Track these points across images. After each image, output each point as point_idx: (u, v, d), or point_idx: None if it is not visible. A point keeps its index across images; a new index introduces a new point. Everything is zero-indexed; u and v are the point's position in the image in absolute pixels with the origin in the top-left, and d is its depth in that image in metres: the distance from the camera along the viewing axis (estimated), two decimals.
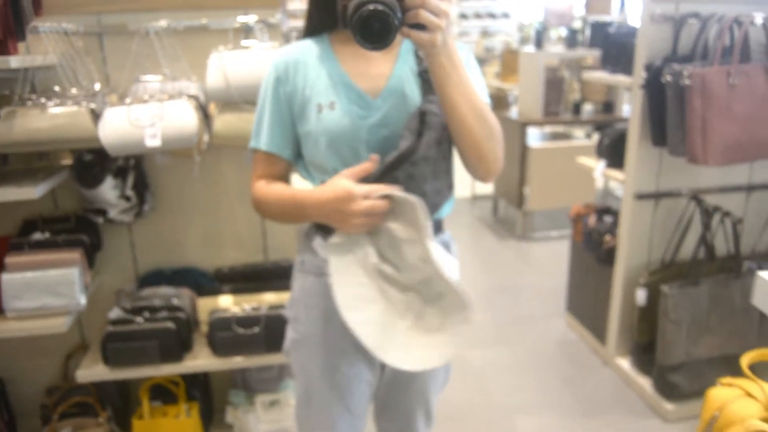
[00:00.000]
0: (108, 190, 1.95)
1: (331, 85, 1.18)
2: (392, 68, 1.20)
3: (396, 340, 1.16)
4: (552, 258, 4.13)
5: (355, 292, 1.16)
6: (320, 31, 1.26)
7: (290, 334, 1.35)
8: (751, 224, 2.55)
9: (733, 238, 2.40)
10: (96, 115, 1.71)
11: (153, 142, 1.61)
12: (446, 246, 1.30)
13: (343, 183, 1.09)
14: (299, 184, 1.28)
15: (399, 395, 1.39)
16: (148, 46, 1.88)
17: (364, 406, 1.36)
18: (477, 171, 1.20)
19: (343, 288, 1.15)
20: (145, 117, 1.64)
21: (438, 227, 1.29)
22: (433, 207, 1.17)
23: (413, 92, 1.19)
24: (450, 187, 1.22)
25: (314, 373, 1.31)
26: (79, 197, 2.02)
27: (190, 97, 1.77)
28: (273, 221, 1.43)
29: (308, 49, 1.23)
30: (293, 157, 1.27)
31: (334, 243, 1.15)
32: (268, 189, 1.25)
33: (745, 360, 1.29)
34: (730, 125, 2.08)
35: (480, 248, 4.43)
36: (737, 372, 2.39)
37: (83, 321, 2.18)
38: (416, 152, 1.11)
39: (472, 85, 1.12)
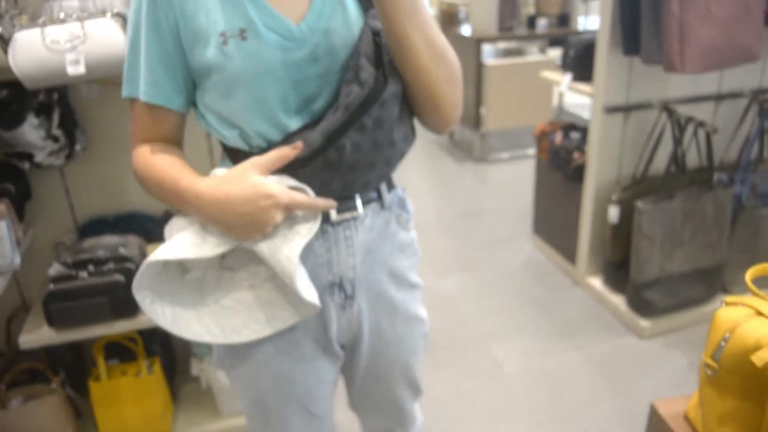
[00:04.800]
0: (30, 131, 1.69)
1: (236, 5, 0.84)
2: None
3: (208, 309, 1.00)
4: (512, 179, 4.05)
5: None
6: None
7: (221, 347, 1.08)
8: (719, 134, 2.49)
9: (707, 149, 2.34)
10: (4, 41, 1.44)
11: (76, 68, 1.36)
12: (402, 204, 1.07)
13: (256, 180, 0.84)
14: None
15: (380, 384, 1.17)
16: None
17: (329, 407, 1.15)
18: (431, 121, 0.96)
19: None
20: (64, 39, 1.39)
21: (390, 184, 1.05)
22: (400, 156, 0.96)
23: (347, 10, 0.89)
24: (414, 129, 0.98)
25: (264, 387, 1.06)
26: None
27: (115, 14, 1.51)
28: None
29: None
30: (186, 106, 0.95)
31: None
32: (150, 164, 0.94)
33: (749, 275, 1.20)
34: (709, 29, 1.96)
35: (438, 173, 4.31)
36: (710, 285, 2.40)
37: (20, 280, 1.96)
38: (386, 87, 0.85)
39: (428, 13, 0.85)
